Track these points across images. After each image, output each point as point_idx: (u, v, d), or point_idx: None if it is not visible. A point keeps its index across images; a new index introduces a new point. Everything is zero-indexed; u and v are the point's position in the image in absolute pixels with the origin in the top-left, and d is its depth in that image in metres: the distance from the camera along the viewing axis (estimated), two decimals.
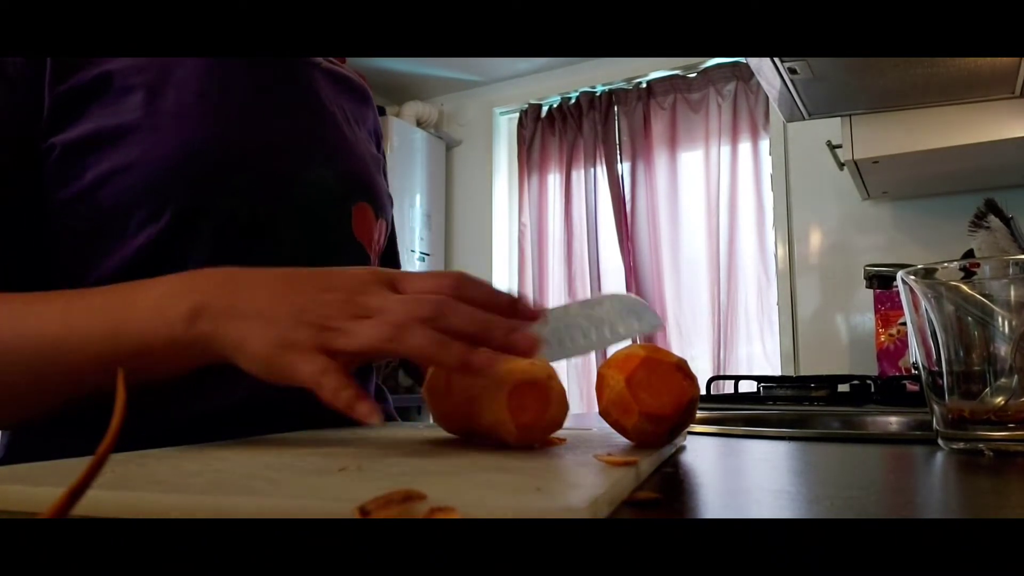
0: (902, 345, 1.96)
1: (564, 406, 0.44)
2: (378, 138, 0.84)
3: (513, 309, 0.44)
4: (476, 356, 0.40)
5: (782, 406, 1.06)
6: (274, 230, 0.62)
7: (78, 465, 0.34)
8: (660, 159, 2.97)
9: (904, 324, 1.94)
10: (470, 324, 0.41)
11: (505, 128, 3.40)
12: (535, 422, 0.42)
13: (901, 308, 0.62)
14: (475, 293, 0.44)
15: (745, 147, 2.84)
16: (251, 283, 0.45)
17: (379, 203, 0.73)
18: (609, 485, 0.28)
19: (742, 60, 2.66)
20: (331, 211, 0.67)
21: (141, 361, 0.45)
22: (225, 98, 0.62)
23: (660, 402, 0.41)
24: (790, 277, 2.64)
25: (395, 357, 0.43)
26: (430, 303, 0.41)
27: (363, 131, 0.77)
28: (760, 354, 2.73)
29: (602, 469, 0.33)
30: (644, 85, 3.02)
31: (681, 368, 0.42)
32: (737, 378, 1.24)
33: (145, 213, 0.57)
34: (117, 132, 0.57)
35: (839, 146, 1.92)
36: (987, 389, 0.44)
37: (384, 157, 0.86)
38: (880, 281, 1.48)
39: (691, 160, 2.96)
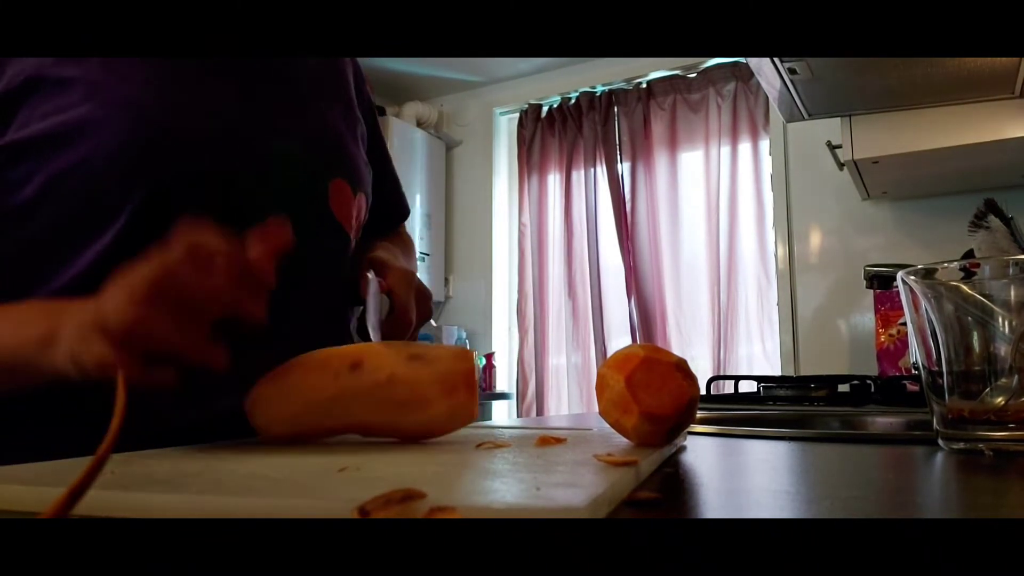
0: (902, 345, 1.96)
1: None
2: (363, 101, 0.81)
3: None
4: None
5: (782, 406, 1.06)
6: (251, 212, 0.62)
7: (78, 465, 0.33)
8: (660, 159, 2.97)
9: (904, 324, 1.94)
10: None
11: (505, 128, 3.40)
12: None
13: (901, 308, 0.62)
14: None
15: (745, 147, 2.84)
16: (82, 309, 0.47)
17: (356, 177, 0.72)
18: (609, 485, 0.28)
19: (742, 60, 2.66)
20: (307, 190, 0.66)
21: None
22: (180, 79, 0.60)
23: (660, 402, 0.41)
24: (790, 277, 2.64)
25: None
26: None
27: (339, 101, 0.75)
28: (760, 354, 2.73)
29: (602, 469, 0.33)
30: (644, 85, 3.02)
31: (681, 368, 0.42)
32: (737, 378, 1.24)
33: (104, 213, 0.56)
34: (61, 131, 0.55)
35: (839, 146, 1.92)
36: (987, 389, 0.44)
37: (374, 115, 0.84)
38: (880, 281, 1.48)
39: (691, 160, 2.96)
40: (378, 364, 0.46)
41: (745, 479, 0.41)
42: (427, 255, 3.21)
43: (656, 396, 0.41)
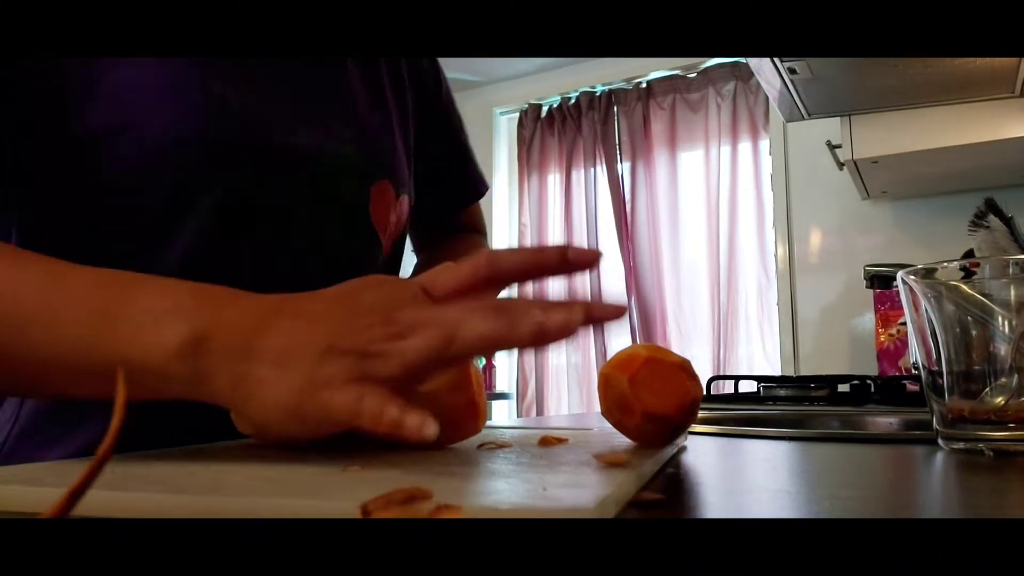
0: (902, 345, 1.96)
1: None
2: (431, 81, 0.78)
3: (564, 260, 0.39)
4: (553, 315, 0.34)
5: (782, 406, 1.06)
6: (286, 212, 0.59)
7: (78, 465, 0.33)
8: (660, 159, 2.97)
9: (904, 324, 1.94)
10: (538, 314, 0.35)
11: (505, 128, 3.39)
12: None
13: (901, 308, 0.62)
14: (512, 266, 0.39)
15: (745, 147, 2.84)
16: (268, 311, 0.37)
17: (400, 178, 0.69)
18: (616, 486, 0.28)
19: (742, 60, 2.66)
20: (349, 192, 0.63)
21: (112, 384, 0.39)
22: (230, 69, 0.57)
23: (663, 402, 0.41)
24: (790, 277, 2.64)
25: (452, 364, 0.37)
26: (480, 313, 0.35)
27: (391, 84, 0.71)
28: (760, 354, 2.73)
29: (606, 470, 0.33)
30: (644, 85, 3.02)
31: (684, 368, 0.42)
32: (737, 378, 1.24)
33: (145, 189, 0.53)
34: (130, 118, 0.51)
35: (839, 146, 1.92)
36: (987, 389, 0.44)
37: (445, 95, 0.80)
38: (880, 281, 1.48)
39: (691, 160, 2.96)
40: None
41: (746, 479, 0.41)
42: None
43: (659, 396, 0.41)
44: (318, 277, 0.53)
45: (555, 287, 0.42)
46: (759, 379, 1.21)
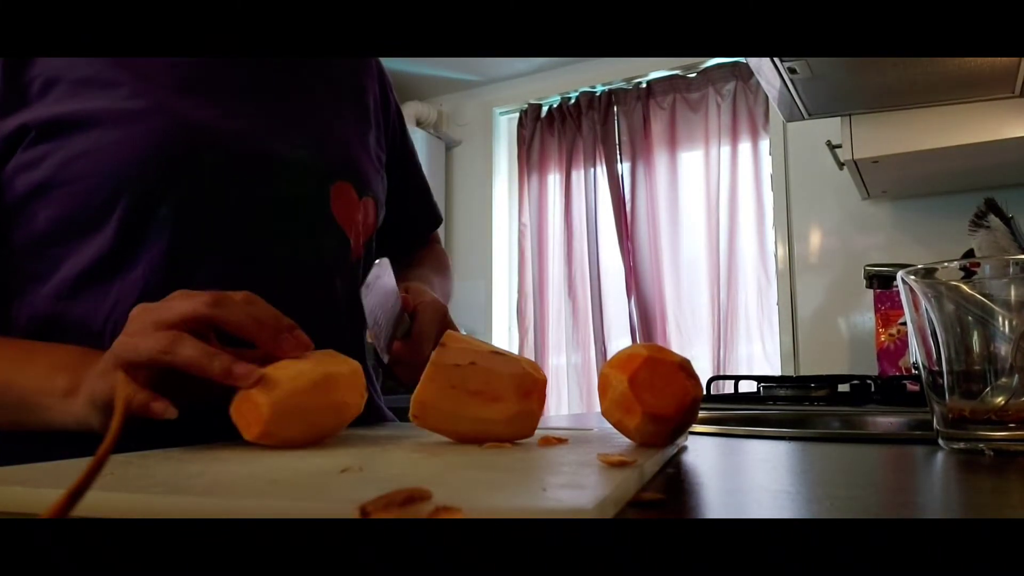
0: (902, 345, 1.96)
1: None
2: (387, 108, 0.83)
3: (275, 344, 0.47)
4: (237, 367, 0.43)
5: (782, 406, 1.06)
6: (246, 214, 0.62)
7: (78, 466, 0.33)
8: (660, 159, 2.97)
9: (904, 324, 1.94)
10: (245, 320, 0.45)
11: (505, 128, 3.39)
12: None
13: (901, 308, 0.62)
14: (230, 319, 0.46)
15: (745, 147, 2.83)
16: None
17: (363, 180, 0.71)
18: (614, 486, 0.28)
19: (742, 60, 2.66)
20: (307, 192, 0.66)
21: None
22: (195, 82, 0.62)
23: (663, 402, 0.41)
24: (790, 277, 2.64)
25: (177, 368, 0.44)
26: (190, 343, 0.44)
27: (353, 106, 0.76)
28: (760, 354, 2.73)
29: (606, 470, 0.33)
30: (644, 85, 3.02)
31: (684, 368, 0.42)
32: (737, 378, 1.24)
33: (100, 210, 0.57)
34: (77, 118, 0.57)
35: (839, 146, 1.92)
36: (987, 389, 0.44)
37: (401, 122, 0.85)
38: (880, 281, 1.48)
39: (691, 160, 2.96)
40: (463, 347, 0.46)
41: (746, 479, 0.41)
42: None
43: (659, 396, 0.41)
44: (291, 280, 0.56)
45: (555, 286, 0.43)
46: (759, 379, 1.21)
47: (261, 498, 0.28)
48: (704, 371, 2.61)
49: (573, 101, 3.15)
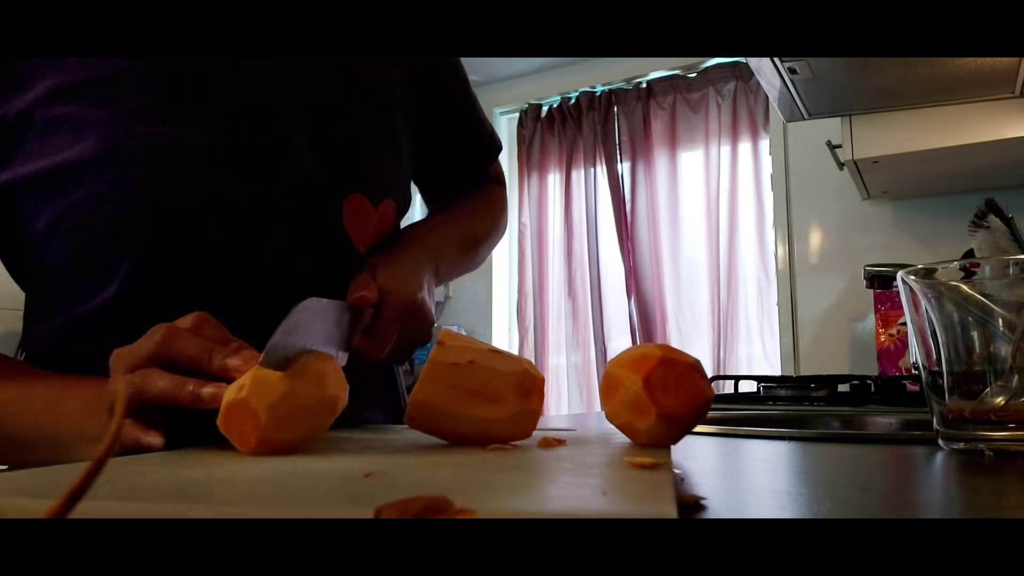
0: (902, 345, 1.96)
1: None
2: (423, 75, 0.78)
3: (224, 369, 0.46)
4: (204, 390, 0.44)
5: (782, 406, 1.06)
6: (260, 239, 0.60)
7: (75, 471, 0.33)
8: (660, 159, 2.97)
9: (904, 324, 1.94)
10: (193, 351, 0.46)
11: (505, 128, 3.39)
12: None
13: (901, 308, 0.62)
14: (180, 352, 0.46)
15: (745, 147, 2.83)
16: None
17: (378, 186, 0.68)
18: (667, 488, 0.27)
19: (742, 60, 2.66)
20: (317, 210, 0.63)
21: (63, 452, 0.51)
22: (186, 108, 0.58)
23: (678, 403, 0.40)
24: (790, 277, 2.64)
25: (152, 402, 0.45)
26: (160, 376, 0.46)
27: (371, 103, 0.70)
28: (760, 354, 2.73)
29: (639, 472, 0.32)
30: (644, 85, 3.02)
31: (697, 369, 0.41)
32: (737, 378, 1.24)
33: (112, 252, 0.57)
34: (66, 167, 0.55)
35: (839, 146, 1.92)
36: (987, 389, 0.44)
37: (446, 77, 0.83)
38: (880, 281, 1.48)
39: (691, 160, 2.96)
40: (461, 345, 0.44)
41: (746, 479, 0.41)
42: None
43: (674, 397, 0.40)
44: (293, 288, 0.55)
45: (555, 286, 0.42)
46: (759, 379, 1.21)
47: (266, 507, 0.27)
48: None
49: (573, 101, 3.15)
